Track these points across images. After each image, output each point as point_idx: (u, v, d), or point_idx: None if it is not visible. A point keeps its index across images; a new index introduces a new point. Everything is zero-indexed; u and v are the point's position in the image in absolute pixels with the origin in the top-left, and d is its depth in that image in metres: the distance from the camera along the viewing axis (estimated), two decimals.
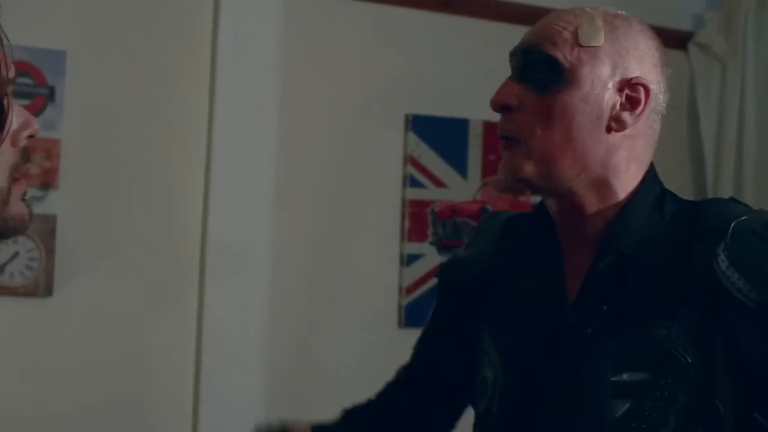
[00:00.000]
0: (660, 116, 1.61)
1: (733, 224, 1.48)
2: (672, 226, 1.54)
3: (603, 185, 1.55)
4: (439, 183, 3.72)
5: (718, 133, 4.21)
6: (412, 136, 3.67)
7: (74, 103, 3.15)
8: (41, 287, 3.10)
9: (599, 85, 1.54)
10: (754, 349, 1.46)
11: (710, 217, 1.53)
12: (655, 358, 1.48)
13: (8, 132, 1.22)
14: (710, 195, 4.18)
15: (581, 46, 1.54)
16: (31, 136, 1.26)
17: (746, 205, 1.56)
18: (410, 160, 3.67)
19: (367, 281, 3.58)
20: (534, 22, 1.62)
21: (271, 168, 3.42)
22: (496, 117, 1.60)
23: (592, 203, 1.56)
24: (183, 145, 3.35)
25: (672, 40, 4.22)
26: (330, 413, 1.89)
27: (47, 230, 3.08)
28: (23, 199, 1.26)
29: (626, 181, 1.56)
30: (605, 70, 1.54)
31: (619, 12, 1.61)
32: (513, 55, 1.60)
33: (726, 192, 4.12)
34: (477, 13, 3.81)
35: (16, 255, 3.07)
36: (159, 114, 3.32)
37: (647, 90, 1.56)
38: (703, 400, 1.47)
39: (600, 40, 1.54)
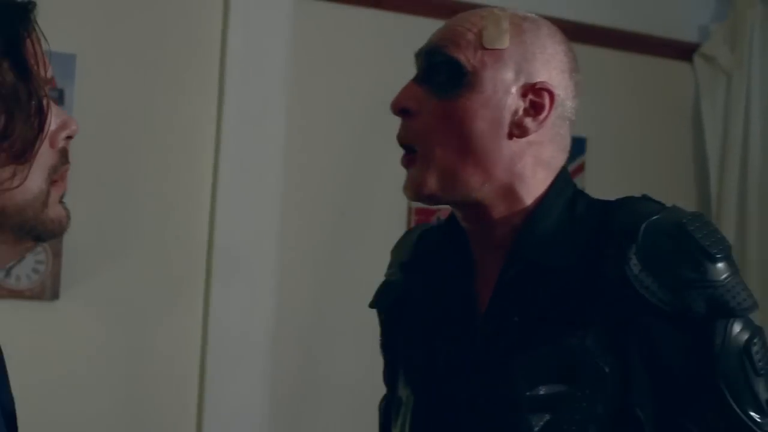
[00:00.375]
0: (569, 122, 1.54)
1: (643, 225, 1.43)
2: (582, 228, 1.48)
3: (509, 193, 1.50)
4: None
5: (722, 144, 4.21)
6: None
7: (83, 106, 3.16)
8: (48, 290, 3.12)
9: (501, 89, 1.48)
10: (672, 353, 1.41)
11: (621, 218, 1.46)
12: (571, 369, 1.42)
13: (47, 133, 1.21)
14: (714, 206, 4.19)
15: (485, 48, 1.48)
16: (69, 137, 1.25)
17: (659, 203, 1.50)
18: None
19: (373, 286, 3.57)
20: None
21: (278, 173, 3.43)
22: None
23: (499, 211, 1.50)
24: (191, 150, 3.36)
25: (677, 51, 4.24)
26: (334, 418, 1.90)
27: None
28: (61, 201, 1.25)
29: (534, 187, 1.51)
30: (509, 74, 1.48)
31: (530, 14, 1.55)
32: (417, 56, 1.54)
33: (730, 204, 4.13)
34: None
35: (22, 258, 3.07)
36: (167, 118, 3.33)
37: (552, 95, 1.49)
38: (622, 409, 1.42)
39: (504, 43, 1.48)
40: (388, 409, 1.72)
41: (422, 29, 3.65)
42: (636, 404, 1.42)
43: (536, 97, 1.49)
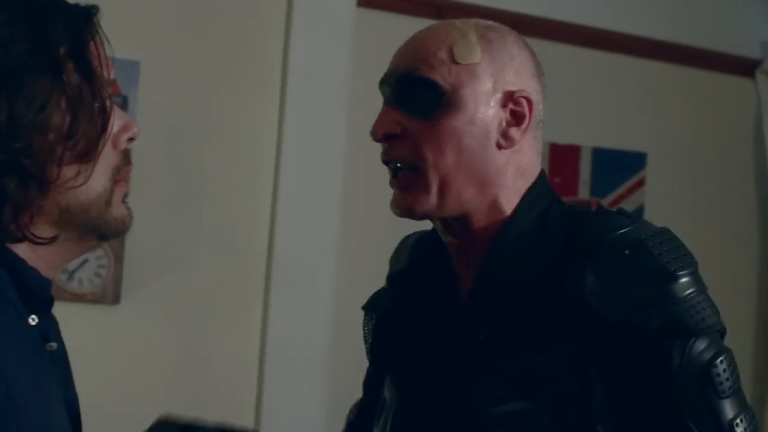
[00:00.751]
0: (542, 124, 1.55)
1: (604, 240, 1.41)
2: (550, 240, 1.46)
3: (494, 204, 1.49)
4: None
5: None
6: None
7: (146, 112, 3.19)
8: (109, 295, 3.15)
9: (482, 103, 1.47)
10: (630, 374, 1.37)
11: (585, 232, 1.44)
12: (534, 386, 1.41)
13: (110, 134, 1.24)
14: None
15: (458, 64, 1.47)
16: (131, 139, 1.28)
17: (630, 218, 1.47)
18: None
19: None
20: (600, 46, 1.54)
21: (338, 183, 3.44)
22: (562, 138, 1.56)
23: (480, 224, 1.49)
24: (252, 158, 3.38)
25: (739, 67, 4.21)
26: None
27: (117, 239, 3.13)
28: (124, 202, 1.28)
29: (513, 197, 1.50)
30: (486, 87, 1.47)
31: (490, 23, 1.54)
32: (386, 82, 1.53)
33: None
34: (546, 35, 3.81)
35: (85, 262, 3.11)
36: (229, 126, 3.36)
37: (530, 102, 1.49)
38: (585, 427, 1.39)
39: (477, 56, 1.47)
40: (361, 415, 1.75)
41: None
42: (598, 421, 1.39)
43: (516, 105, 1.49)
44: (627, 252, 1.39)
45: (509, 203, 1.49)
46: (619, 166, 3.98)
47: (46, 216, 1.22)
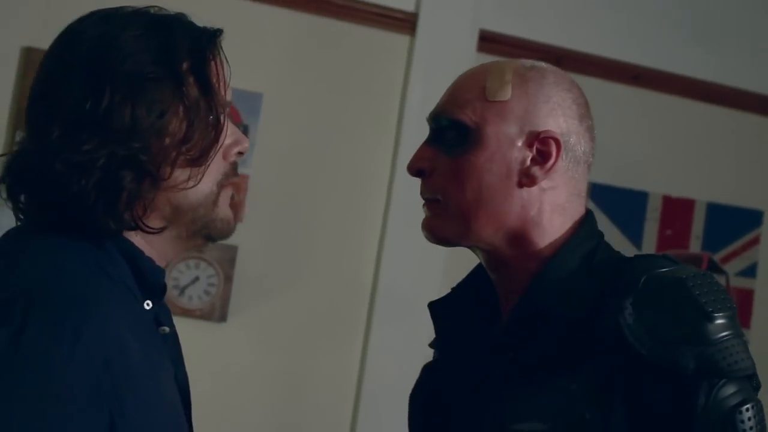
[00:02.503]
0: (585, 166, 1.55)
1: (644, 277, 1.42)
2: (595, 280, 1.47)
3: (523, 239, 1.51)
4: None
5: None
6: (590, 204, 3.68)
7: (265, 142, 3.30)
8: (216, 312, 3.25)
9: (506, 142, 1.50)
10: (654, 409, 1.37)
11: (627, 270, 1.45)
12: (554, 410, 1.41)
13: (222, 145, 1.35)
14: None
15: (488, 101, 1.51)
16: (240, 153, 1.40)
17: (675, 261, 1.47)
18: None
19: None
20: (720, 101, 1.54)
21: None
22: (676, 191, 1.55)
23: (515, 257, 1.52)
24: (364, 193, 3.46)
25: None
26: None
27: (227, 259, 3.23)
28: (231, 205, 1.40)
29: (550, 233, 1.52)
30: (512, 127, 1.50)
31: (539, 63, 1.55)
32: (428, 119, 1.58)
33: None
34: (665, 88, 3.81)
35: (196, 279, 3.22)
36: (344, 160, 3.43)
37: (558, 143, 1.50)
38: None
39: (507, 94, 1.50)
40: None
41: (599, 95, 3.69)
42: None
43: (542, 145, 1.50)
44: (666, 289, 1.41)
45: (545, 240, 1.52)
46: (734, 222, 3.94)
47: (159, 211, 1.33)
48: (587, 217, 1.57)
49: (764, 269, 3.93)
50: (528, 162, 1.50)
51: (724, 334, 1.38)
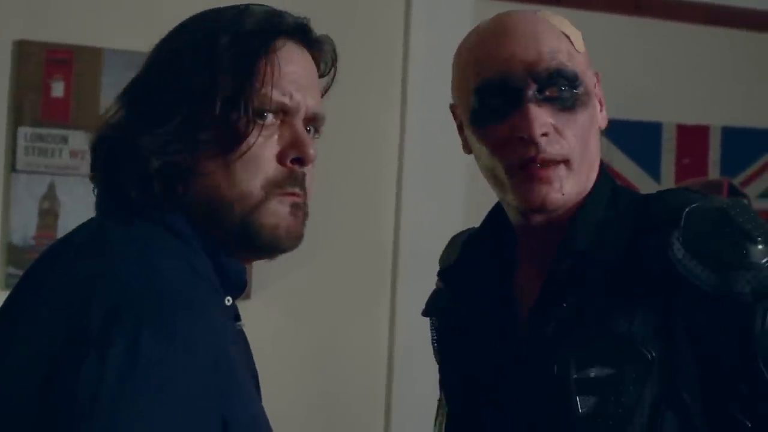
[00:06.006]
0: None
1: (686, 211, 1.43)
2: (626, 219, 1.49)
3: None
4: (632, 188, 3.69)
5: None
6: (604, 141, 3.64)
7: None
8: None
9: (592, 87, 1.53)
10: (714, 337, 1.39)
11: (662, 207, 1.47)
12: (618, 353, 1.42)
13: (249, 141, 1.30)
14: None
15: (579, 53, 1.52)
16: (298, 161, 1.35)
17: (698, 193, 1.50)
18: None
19: None
20: (724, 23, 1.55)
21: (461, 177, 3.45)
22: (690, 119, 1.57)
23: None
24: (375, 155, 3.43)
25: None
26: None
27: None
28: (291, 214, 1.35)
29: (594, 176, 1.54)
30: (590, 73, 1.54)
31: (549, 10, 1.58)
32: (516, 75, 1.48)
33: None
34: (667, 15, 3.76)
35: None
36: (352, 124, 3.39)
37: (598, 78, 1.56)
38: (669, 393, 1.41)
39: (582, 45, 1.53)
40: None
41: (603, 25, 3.66)
42: (683, 389, 1.41)
43: (599, 86, 1.55)
44: (711, 220, 1.42)
45: (591, 182, 1.53)
46: (750, 144, 3.90)
47: (197, 206, 1.30)
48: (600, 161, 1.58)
49: None
50: (598, 105, 1.54)
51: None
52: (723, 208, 1.44)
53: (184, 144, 1.28)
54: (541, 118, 1.47)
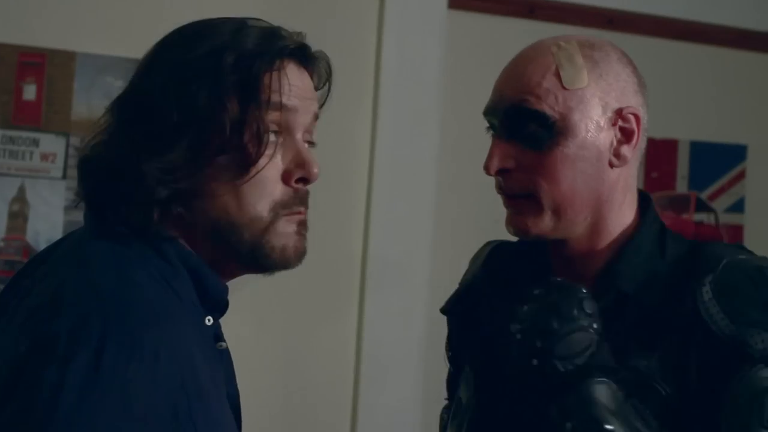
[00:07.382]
0: (646, 134, 1.55)
1: (724, 261, 1.45)
2: (673, 268, 1.50)
3: (602, 222, 1.52)
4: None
5: None
6: None
7: None
8: None
9: (593, 127, 1.48)
10: (718, 382, 1.41)
11: (708, 258, 1.48)
12: (633, 386, 1.43)
13: (261, 163, 1.30)
14: None
15: (566, 89, 1.48)
16: (304, 180, 1.37)
17: (751, 253, 1.51)
18: None
19: None
20: (694, 38, 1.54)
21: (432, 184, 3.46)
22: (658, 133, 1.57)
23: (592, 242, 1.53)
24: (346, 161, 3.42)
25: None
26: None
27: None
28: (297, 233, 1.36)
29: (622, 214, 1.53)
30: (596, 110, 1.49)
31: (593, 40, 1.54)
32: (492, 112, 1.54)
33: None
34: (638, 30, 3.78)
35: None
36: (323, 129, 3.36)
37: (638, 118, 1.51)
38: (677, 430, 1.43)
39: (584, 81, 1.49)
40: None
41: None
42: (692, 429, 1.42)
43: (625, 122, 1.50)
44: (745, 275, 1.44)
45: (619, 221, 1.53)
46: (718, 158, 3.93)
47: (201, 227, 1.29)
48: (647, 196, 1.58)
49: (752, 203, 3.93)
50: (615, 143, 1.49)
51: None
52: (762, 267, 1.46)
53: (191, 169, 1.27)
54: (501, 155, 1.50)
